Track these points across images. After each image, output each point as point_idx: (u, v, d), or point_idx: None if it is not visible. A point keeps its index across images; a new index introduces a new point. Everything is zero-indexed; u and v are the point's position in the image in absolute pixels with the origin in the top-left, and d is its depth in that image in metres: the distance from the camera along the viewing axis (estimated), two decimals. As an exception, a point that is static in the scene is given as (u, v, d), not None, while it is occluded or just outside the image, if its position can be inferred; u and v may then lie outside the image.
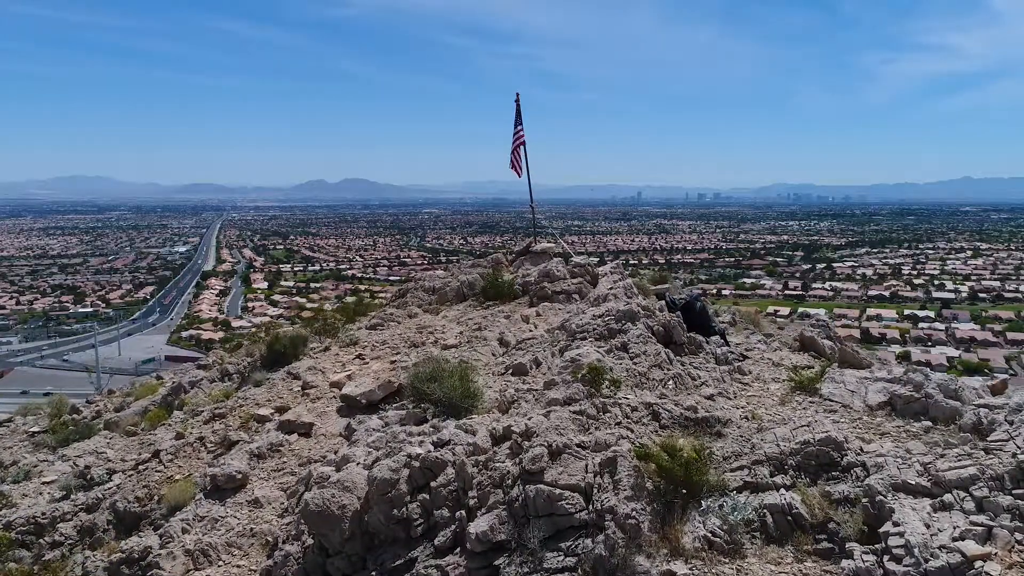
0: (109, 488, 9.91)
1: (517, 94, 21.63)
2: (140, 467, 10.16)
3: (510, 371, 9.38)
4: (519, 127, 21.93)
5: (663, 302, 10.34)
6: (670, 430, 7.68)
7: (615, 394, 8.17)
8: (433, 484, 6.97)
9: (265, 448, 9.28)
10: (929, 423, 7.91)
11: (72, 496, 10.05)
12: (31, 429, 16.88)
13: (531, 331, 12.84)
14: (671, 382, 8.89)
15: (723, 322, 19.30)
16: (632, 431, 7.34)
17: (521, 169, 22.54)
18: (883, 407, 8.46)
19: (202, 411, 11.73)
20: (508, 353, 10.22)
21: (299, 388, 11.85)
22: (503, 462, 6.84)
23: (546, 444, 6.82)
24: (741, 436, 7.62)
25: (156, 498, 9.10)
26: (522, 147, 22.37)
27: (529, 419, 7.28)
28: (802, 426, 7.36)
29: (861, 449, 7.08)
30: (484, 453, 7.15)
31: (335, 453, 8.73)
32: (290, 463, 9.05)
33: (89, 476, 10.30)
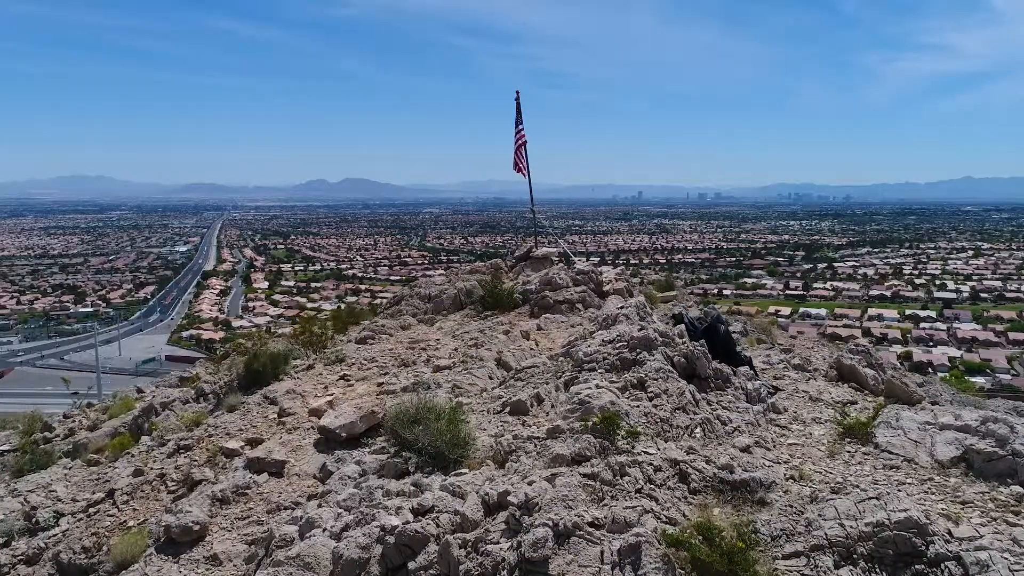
0: (54, 535, 8.76)
1: (517, 92, 20.79)
2: (92, 509, 9.04)
3: (508, 408, 8.10)
4: (520, 126, 21.30)
5: (681, 326, 9.08)
6: (702, 496, 6.41)
7: (633, 447, 6.81)
8: (411, 566, 5.65)
9: (230, 491, 8.15)
10: (1021, 490, 6.63)
11: (13, 543, 8.89)
12: (1, 448, 15.80)
13: (532, 349, 11.76)
14: (699, 429, 7.52)
15: (734, 331, 18.06)
16: (657, 500, 6.01)
17: (525, 169, 21.93)
18: (956, 463, 7.12)
19: (168, 440, 10.62)
20: (506, 384, 9.02)
21: (275, 415, 10.73)
22: (497, 543, 5.51)
23: (551, 522, 5.55)
24: (790, 507, 6.32)
25: (105, 548, 7.97)
26: (524, 147, 21.70)
27: (530, 484, 5.98)
28: (870, 498, 5.96)
29: (950, 533, 5.71)
30: (474, 527, 5.83)
31: (306, 500, 7.64)
32: (257, 510, 7.91)
33: (35, 519, 9.18)
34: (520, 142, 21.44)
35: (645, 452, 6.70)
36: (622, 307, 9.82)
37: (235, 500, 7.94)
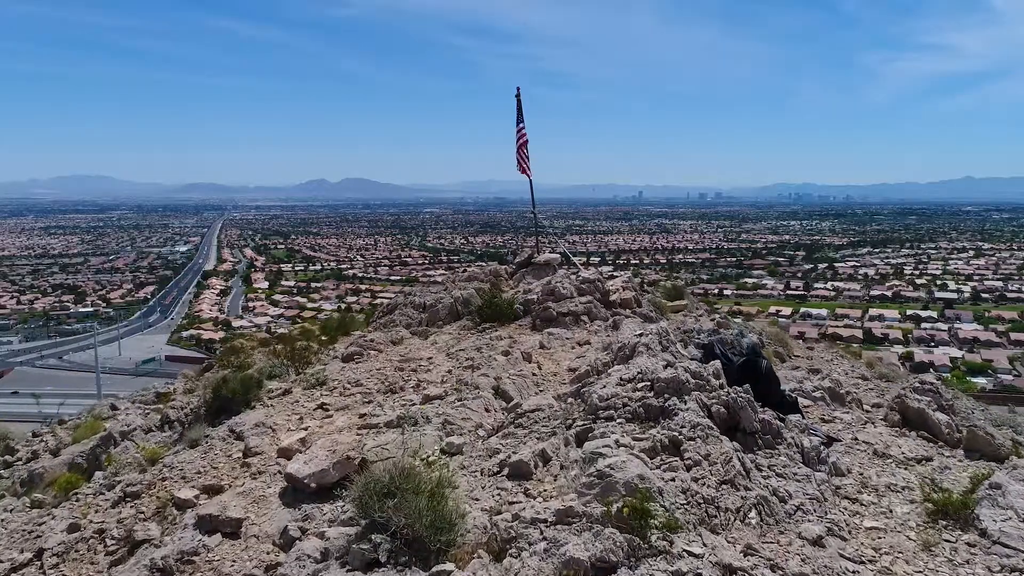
0: (-36, 613, 7.43)
1: (518, 88, 19.72)
2: (14, 575, 7.76)
3: (506, 470, 6.63)
4: (521, 124, 20.33)
5: (716, 362, 7.57)
6: (771, 624, 4.90)
7: (672, 545, 5.20)
8: None
9: (173, 558, 6.83)
10: None
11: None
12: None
13: (535, 374, 10.47)
14: (753, 512, 5.82)
15: (750, 343, 16.71)
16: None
17: (528, 169, 20.99)
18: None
19: (118, 482, 9.36)
20: (505, 431, 7.63)
21: (240, 454, 9.45)
22: None
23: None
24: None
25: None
26: (526, 146, 20.70)
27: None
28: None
29: None
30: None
31: (263, 574, 6.36)
32: (204, 587, 6.62)
33: (-49, 585, 7.88)
34: (521, 141, 20.45)
35: (688, 552, 5.13)
36: (641, 334, 8.47)
37: (179, 570, 6.66)
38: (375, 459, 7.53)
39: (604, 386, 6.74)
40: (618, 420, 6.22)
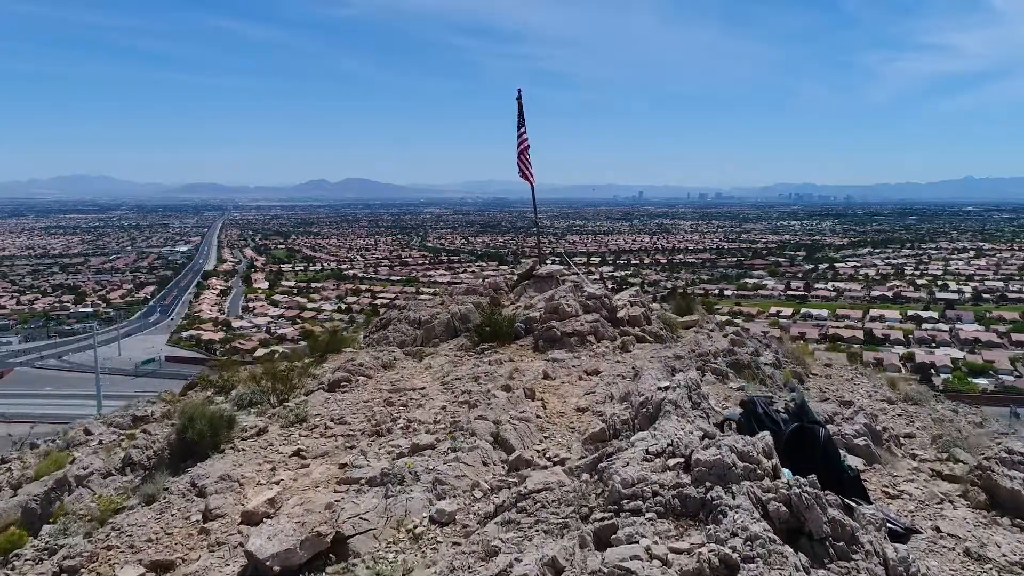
0: None
1: (519, 90, 18.66)
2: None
3: None
4: (522, 129, 19.33)
5: (767, 436, 5.96)
6: None
7: None
8: None
9: None
10: None
11: None
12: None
13: (539, 416, 9.26)
14: None
15: (764, 363, 15.33)
16: None
17: (531, 175, 19.98)
18: None
19: (60, 547, 8.17)
20: (504, 517, 6.32)
21: (200, 516, 8.25)
22: None
23: None
24: None
25: None
26: (527, 151, 19.67)
27: None
28: None
29: None
30: None
31: None
32: None
33: None
34: (523, 147, 19.42)
35: None
36: (667, 387, 7.23)
37: None
38: (352, 532, 6.40)
39: (627, 463, 5.51)
40: (647, 515, 4.96)
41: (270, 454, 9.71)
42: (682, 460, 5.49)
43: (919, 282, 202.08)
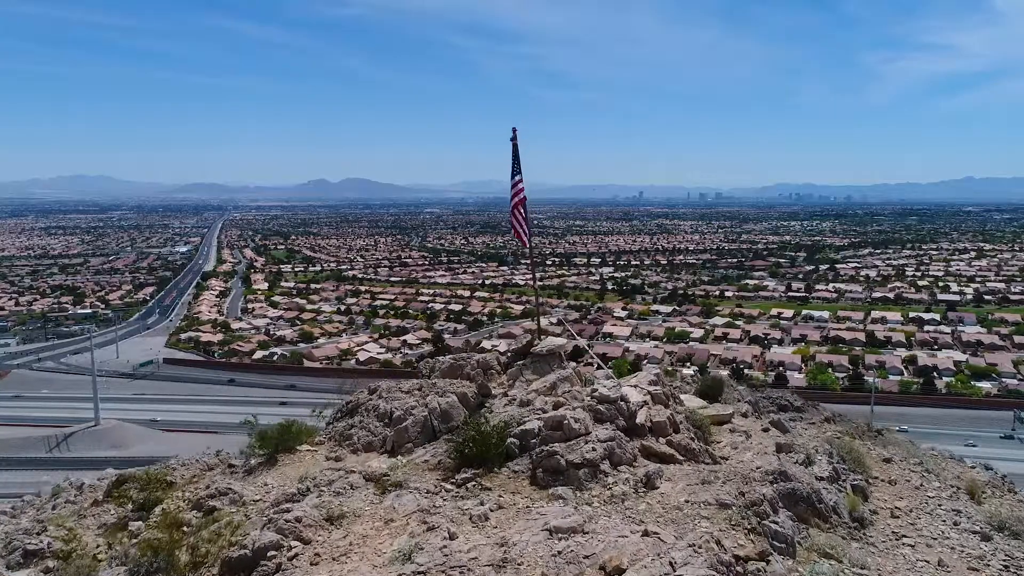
0: None
1: (514, 130, 15.27)
2: None
3: None
4: (517, 177, 15.66)
5: None
6: None
7: None
8: None
9: None
10: None
11: None
12: None
13: None
14: None
15: (820, 477, 10.91)
16: None
17: (525, 235, 16.27)
18: None
19: None
20: None
21: None
22: None
23: None
24: None
25: None
26: (523, 204, 16.02)
27: None
28: None
29: None
30: None
31: None
32: None
33: None
34: (517, 199, 15.93)
35: None
36: None
37: None
38: None
39: None
40: None
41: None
42: None
43: (920, 283, 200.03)
